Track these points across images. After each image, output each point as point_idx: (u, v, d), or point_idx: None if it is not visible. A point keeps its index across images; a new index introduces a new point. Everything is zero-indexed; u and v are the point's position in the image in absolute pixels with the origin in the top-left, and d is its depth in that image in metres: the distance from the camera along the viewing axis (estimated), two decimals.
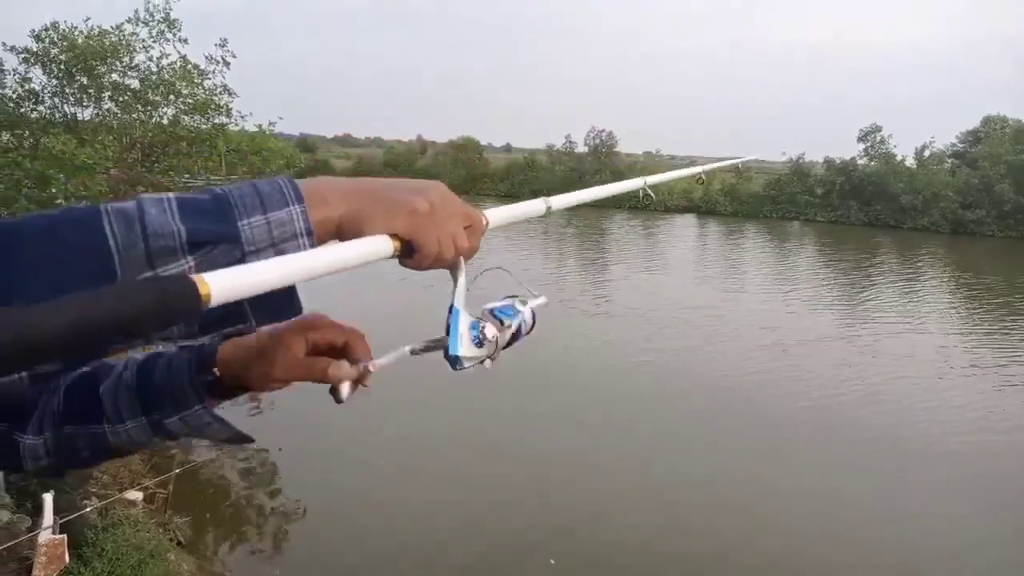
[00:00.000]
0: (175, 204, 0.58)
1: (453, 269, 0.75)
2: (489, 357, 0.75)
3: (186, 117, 11.60)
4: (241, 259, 0.59)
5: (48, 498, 3.79)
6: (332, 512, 7.29)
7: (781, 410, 11.05)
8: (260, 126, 12.57)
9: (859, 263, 28.64)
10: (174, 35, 11.54)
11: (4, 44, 11.18)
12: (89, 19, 11.38)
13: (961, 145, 49.50)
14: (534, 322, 0.81)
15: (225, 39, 11.76)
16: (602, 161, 50.34)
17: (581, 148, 52.72)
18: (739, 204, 46.59)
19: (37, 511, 4.23)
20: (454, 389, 11.19)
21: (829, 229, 41.54)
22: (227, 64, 11.74)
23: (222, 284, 0.49)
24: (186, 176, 12.36)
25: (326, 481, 7.90)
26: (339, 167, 58.32)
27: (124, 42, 11.31)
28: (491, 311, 0.77)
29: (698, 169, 2.35)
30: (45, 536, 3.36)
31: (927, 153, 47.83)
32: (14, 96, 11.38)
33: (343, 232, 0.65)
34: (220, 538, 6.55)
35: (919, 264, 29.29)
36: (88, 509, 4.31)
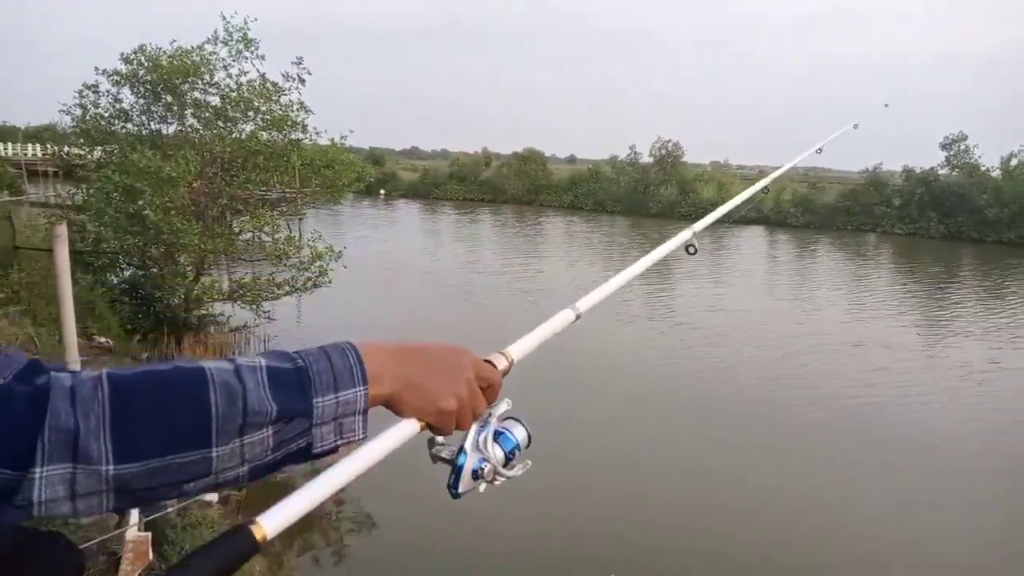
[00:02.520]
0: (267, 377, 0.67)
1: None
2: (490, 483, 0.87)
3: (263, 133, 12.02)
4: (308, 429, 0.69)
5: None
6: (397, 521, 7.39)
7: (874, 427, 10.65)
8: (332, 139, 12.94)
9: (938, 277, 27.39)
10: (252, 53, 12.01)
11: (97, 68, 11.85)
12: (175, 41, 11.97)
13: None
14: (529, 441, 0.92)
15: (301, 57, 12.18)
16: (668, 172, 49.61)
17: (646, 159, 52.14)
18: (811, 215, 45.20)
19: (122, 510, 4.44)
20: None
21: (907, 242, 39.89)
22: (302, 81, 12.13)
23: (275, 523, 0.65)
24: (263, 188, 12.83)
25: (392, 491, 8.02)
26: (406, 178, 59.44)
27: (205, 61, 11.84)
28: (495, 434, 0.89)
29: (744, 196, 2.19)
30: (132, 533, 3.53)
31: (1014, 163, 45.47)
32: (106, 115, 12.04)
33: (386, 404, 0.77)
34: (289, 542, 6.73)
35: (1008, 279, 27.81)
36: (169, 509, 4.50)
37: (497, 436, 0.89)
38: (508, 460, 0.89)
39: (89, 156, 12.31)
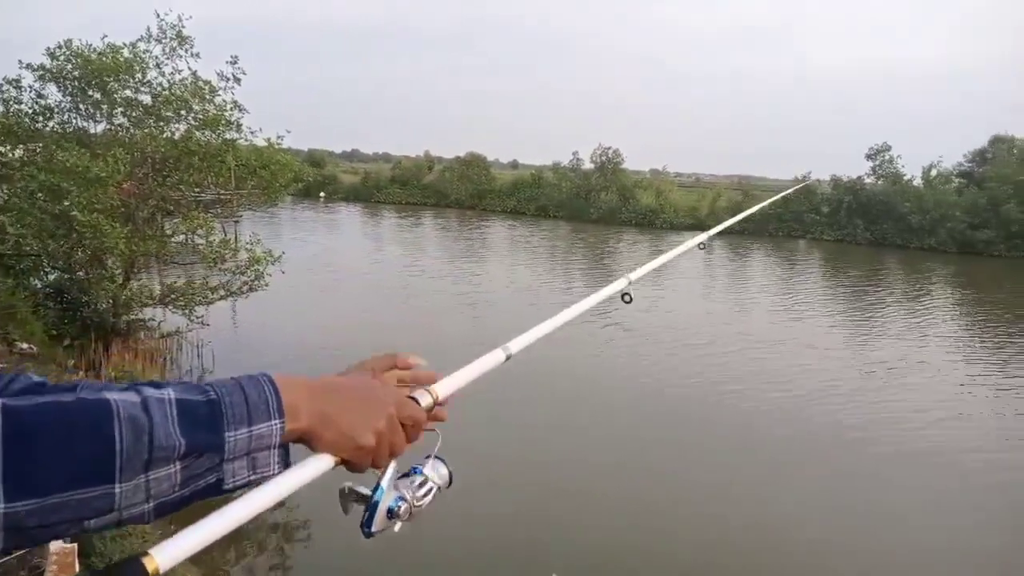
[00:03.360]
0: (176, 410, 0.64)
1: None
2: (404, 519, 0.84)
3: (197, 132, 11.74)
4: (218, 465, 0.67)
5: None
6: (334, 523, 7.32)
7: (784, 423, 11.05)
8: (268, 140, 12.71)
9: (866, 280, 28.62)
10: (186, 51, 11.73)
11: (20, 62, 11.38)
12: (106, 36, 11.59)
13: (969, 164, 49.43)
14: (451, 481, 0.90)
15: (236, 56, 11.96)
16: (608, 178, 50.44)
17: (588, 165, 52.87)
18: (744, 222, 46.48)
19: None
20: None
21: (835, 248, 41.53)
22: (238, 81, 11.91)
23: (169, 555, 0.61)
24: (196, 190, 12.52)
25: (324, 497, 7.93)
26: (346, 181, 58.72)
27: (137, 58, 11.50)
28: (414, 469, 0.88)
29: (696, 240, 2.44)
30: (56, 545, 3.41)
31: (934, 172, 47.85)
32: (29, 111, 11.56)
33: (301, 440, 0.75)
34: (224, 549, 6.59)
35: (928, 283, 29.26)
36: None
37: (416, 471, 0.87)
38: (426, 494, 0.87)
39: (11, 154, 11.79)
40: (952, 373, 15.07)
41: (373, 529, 0.81)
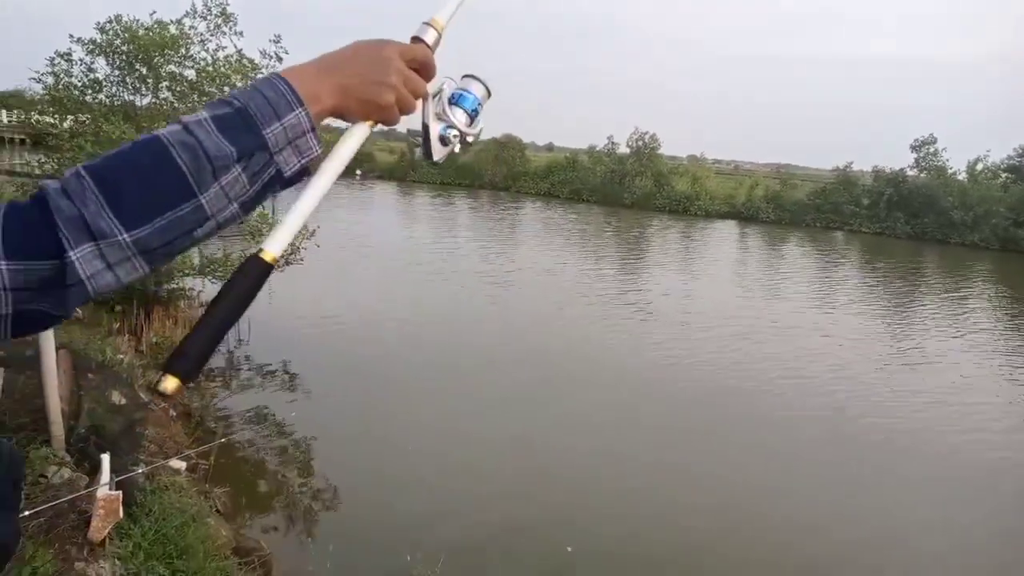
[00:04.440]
0: (213, 125, 0.76)
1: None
2: (464, 143, 0.95)
3: None
4: (271, 159, 0.79)
5: (106, 458, 4.11)
6: (360, 493, 7.58)
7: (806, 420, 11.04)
8: None
9: (904, 276, 28.13)
10: (230, 29, 11.98)
11: (72, 36, 11.73)
12: (155, 12, 11.88)
13: (1019, 159, 47.99)
14: (489, 93, 0.98)
15: (279, 35, 12.15)
16: (644, 163, 50.00)
17: (623, 149, 52.44)
18: (782, 212, 45.97)
19: (92, 472, 4.58)
20: (493, 390, 11.46)
21: (874, 241, 40.78)
22: (280, 59, 12.11)
23: (279, 244, 0.82)
24: None
25: (357, 465, 8.21)
26: (382, 160, 59.09)
27: (182, 34, 11.78)
28: (451, 98, 0.95)
29: None
30: (103, 492, 3.67)
31: (980, 166, 46.64)
32: (79, 85, 11.92)
33: (333, 115, 0.87)
34: (255, 510, 6.88)
35: (965, 280, 28.65)
36: (138, 470, 4.65)
37: (456, 99, 0.94)
38: (473, 119, 0.95)
39: (61, 125, 12.19)
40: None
41: (436, 158, 0.94)
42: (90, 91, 12.01)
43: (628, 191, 48.32)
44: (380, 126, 0.89)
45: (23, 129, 20.53)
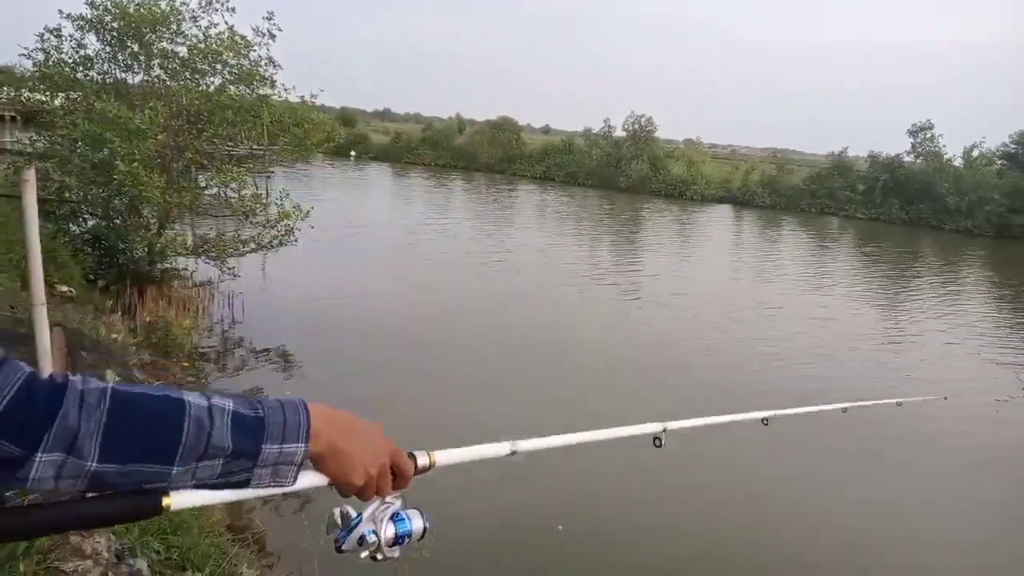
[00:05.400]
0: (230, 419, 0.82)
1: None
2: (372, 556, 0.97)
3: (231, 87, 11.89)
4: (251, 468, 0.84)
5: None
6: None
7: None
8: (303, 98, 12.83)
9: (898, 263, 28.23)
10: (222, 5, 11.85)
11: (61, 11, 11.57)
12: None
13: (1014, 146, 48.01)
14: (424, 534, 1.00)
15: (272, 12, 12.03)
16: (640, 147, 49.78)
17: (619, 133, 52.19)
18: (777, 196, 45.97)
19: None
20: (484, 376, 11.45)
21: (869, 226, 40.85)
22: (272, 37, 12.00)
23: (181, 501, 0.82)
24: (230, 144, 12.73)
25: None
26: (377, 141, 58.76)
27: (173, 10, 11.65)
28: (393, 515, 0.98)
29: (750, 415, 2.12)
30: None
31: (976, 153, 46.68)
32: (70, 61, 11.79)
33: (311, 459, 0.89)
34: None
35: (958, 265, 28.77)
36: None
37: (396, 518, 0.98)
38: (397, 542, 0.97)
39: (53, 102, 12.07)
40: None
41: (343, 548, 0.96)
42: (81, 68, 11.88)
43: (624, 175, 48.17)
44: (332, 479, 0.92)
45: (13, 106, 20.25)
